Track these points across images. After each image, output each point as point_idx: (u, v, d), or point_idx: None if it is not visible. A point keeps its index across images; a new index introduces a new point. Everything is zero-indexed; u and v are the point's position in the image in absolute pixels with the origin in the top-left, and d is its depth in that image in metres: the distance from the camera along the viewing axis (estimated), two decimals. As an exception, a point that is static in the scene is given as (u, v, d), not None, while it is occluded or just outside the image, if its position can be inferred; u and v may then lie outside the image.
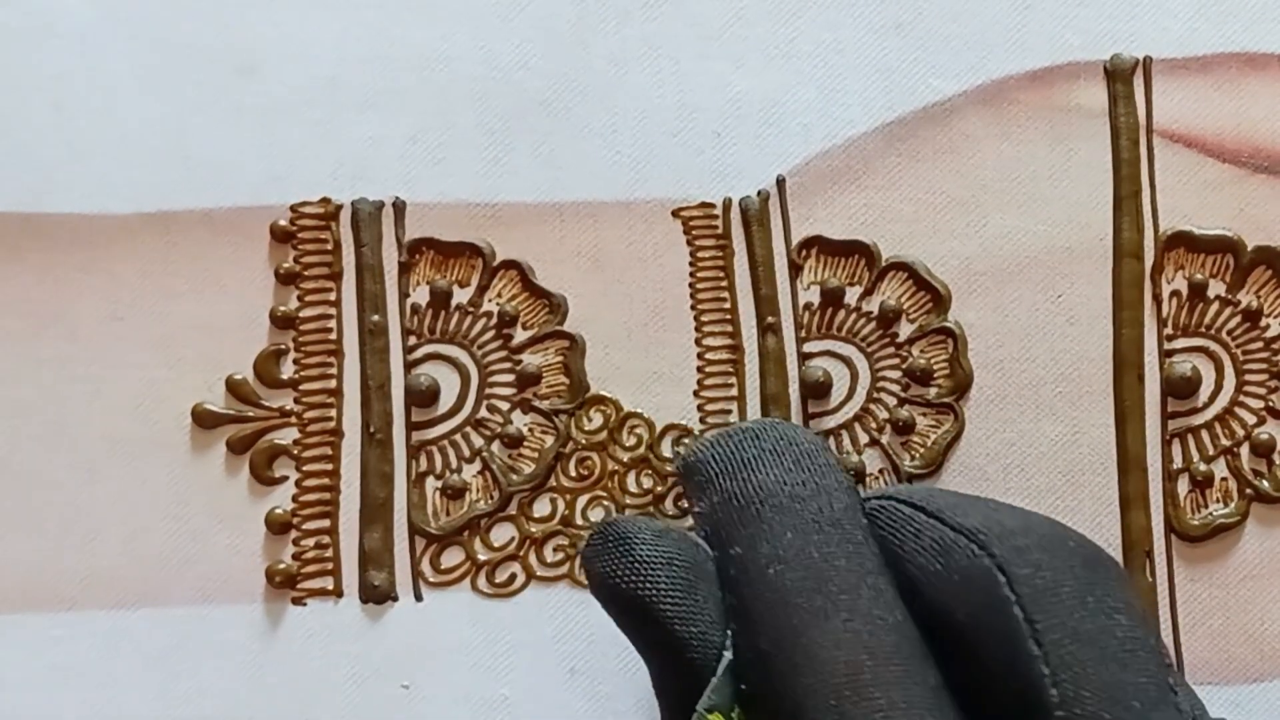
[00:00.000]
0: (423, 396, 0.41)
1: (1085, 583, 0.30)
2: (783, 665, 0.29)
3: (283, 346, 0.42)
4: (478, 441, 0.41)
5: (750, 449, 0.32)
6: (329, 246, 0.42)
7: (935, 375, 0.41)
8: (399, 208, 0.42)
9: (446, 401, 0.41)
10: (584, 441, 0.41)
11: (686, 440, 0.37)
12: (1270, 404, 0.40)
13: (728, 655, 0.31)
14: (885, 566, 0.31)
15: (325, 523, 0.41)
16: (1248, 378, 0.41)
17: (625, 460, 0.41)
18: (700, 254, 0.41)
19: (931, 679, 0.29)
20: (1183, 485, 0.40)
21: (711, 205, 0.42)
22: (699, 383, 0.41)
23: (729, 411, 0.41)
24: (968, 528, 0.30)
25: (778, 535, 0.31)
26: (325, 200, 0.42)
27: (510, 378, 0.41)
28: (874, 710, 0.28)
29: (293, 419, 0.41)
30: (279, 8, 0.42)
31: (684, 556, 0.32)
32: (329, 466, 0.41)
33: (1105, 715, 0.29)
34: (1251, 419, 0.40)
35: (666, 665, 0.32)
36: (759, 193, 0.41)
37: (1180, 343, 0.41)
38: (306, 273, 0.42)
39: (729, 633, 0.31)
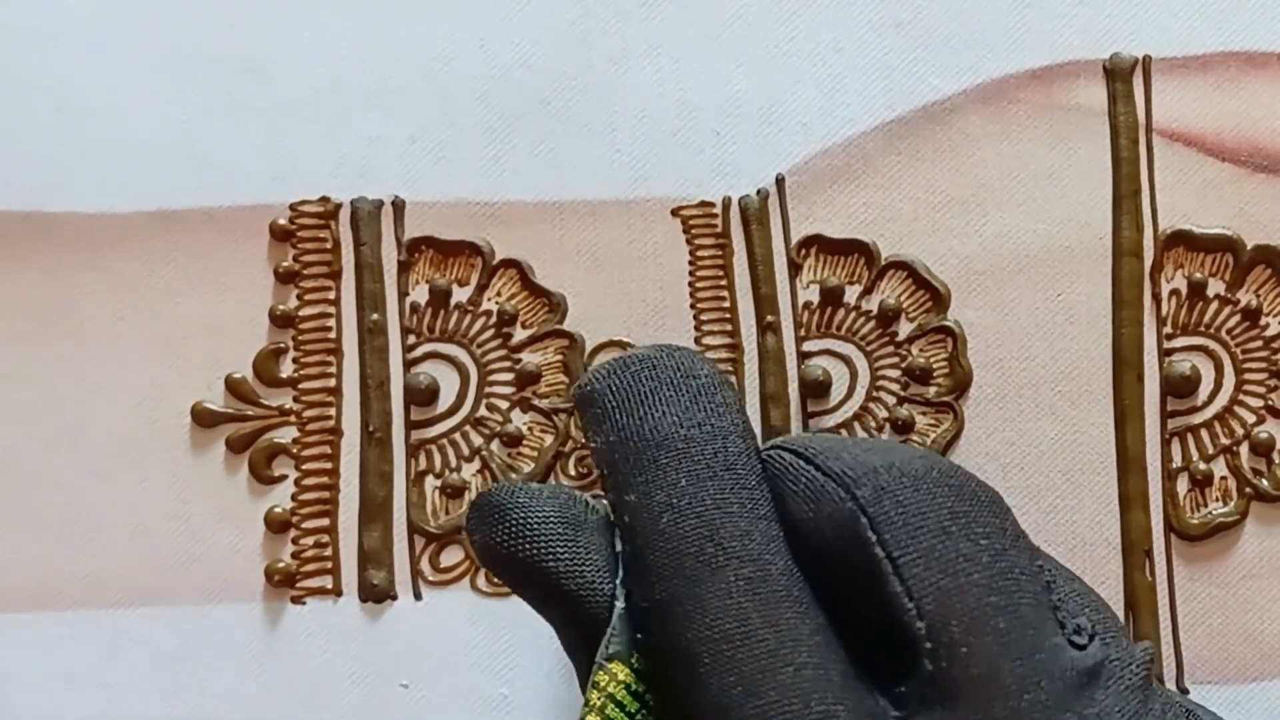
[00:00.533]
0: (422, 395, 0.41)
1: (949, 512, 0.30)
2: (677, 614, 0.30)
3: (282, 345, 0.42)
4: (477, 440, 0.41)
5: (646, 381, 0.32)
6: (328, 245, 0.42)
7: (935, 374, 0.41)
8: (398, 206, 0.42)
9: (446, 400, 0.41)
10: (583, 440, 0.41)
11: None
12: (1270, 403, 0.40)
13: (619, 604, 0.31)
14: (775, 512, 0.31)
15: (324, 521, 0.41)
16: (1247, 377, 0.40)
17: (625, 459, 0.41)
18: (700, 253, 0.41)
19: (817, 621, 0.30)
20: (1182, 484, 0.40)
21: (711, 204, 0.42)
22: (698, 382, 0.41)
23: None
24: (835, 471, 0.31)
25: (672, 482, 0.31)
26: (324, 199, 0.42)
27: (509, 376, 0.41)
28: (763, 653, 0.29)
29: (292, 418, 0.41)
30: (282, 8, 0.42)
31: (561, 512, 0.32)
32: (328, 465, 0.41)
33: (972, 640, 0.29)
34: (1251, 418, 0.40)
35: (565, 622, 0.32)
36: (759, 191, 0.41)
37: (1180, 341, 0.41)
38: (306, 271, 0.42)
39: (618, 581, 0.31)
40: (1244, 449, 0.40)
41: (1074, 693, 0.30)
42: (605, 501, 0.33)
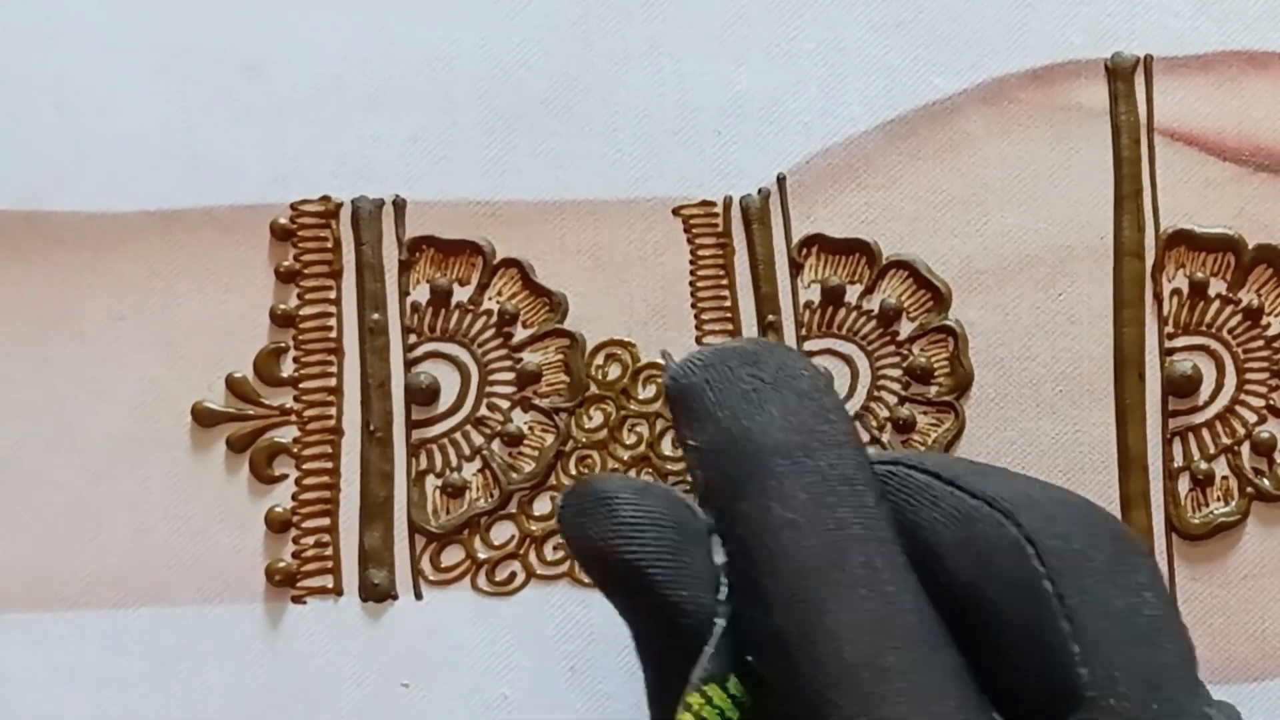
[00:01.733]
0: (423, 394, 0.41)
1: (1113, 558, 0.29)
2: (800, 644, 0.28)
3: (283, 345, 0.42)
4: (478, 440, 0.41)
5: (749, 379, 0.30)
6: (329, 244, 0.42)
7: (936, 374, 0.41)
8: (399, 206, 0.42)
9: (446, 400, 0.41)
10: (584, 440, 0.41)
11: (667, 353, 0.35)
12: (1271, 402, 0.40)
13: (720, 623, 0.29)
14: (897, 534, 0.29)
15: (325, 521, 0.41)
16: (1248, 376, 0.40)
17: (625, 459, 0.41)
18: (701, 252, 0.41)
19: (952, 660, 0.28)
20: (1183, 484, 0.40)
21: (712, 204, 0.42)
22: (699, 381, 0.41)
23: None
24: (989, 495, 0.29)
25: (790, 495, 0.29)
26: (325, 198, 0.42)
27: (510, 376, 0.41)
28: (897, 694, 0.27)
29: (293, 417, 0.41)
30: (283, 7, 0.42)
31: (670, 516, 0.30)
32: (329, 465, 0.41)
33: (1136, 696, 0.27)
34: (1252, 417, 0.40)
35: (654, 630, 0.30)
36: (760, 191, 0.41)
37: (1181, 341, 0.41)
38: (307, 271, 0.42)
39: (719, 600, 0.29)
40: (1245, 449, 0.40)
41: None
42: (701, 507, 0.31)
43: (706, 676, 0.29)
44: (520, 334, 0.42)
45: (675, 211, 0.41)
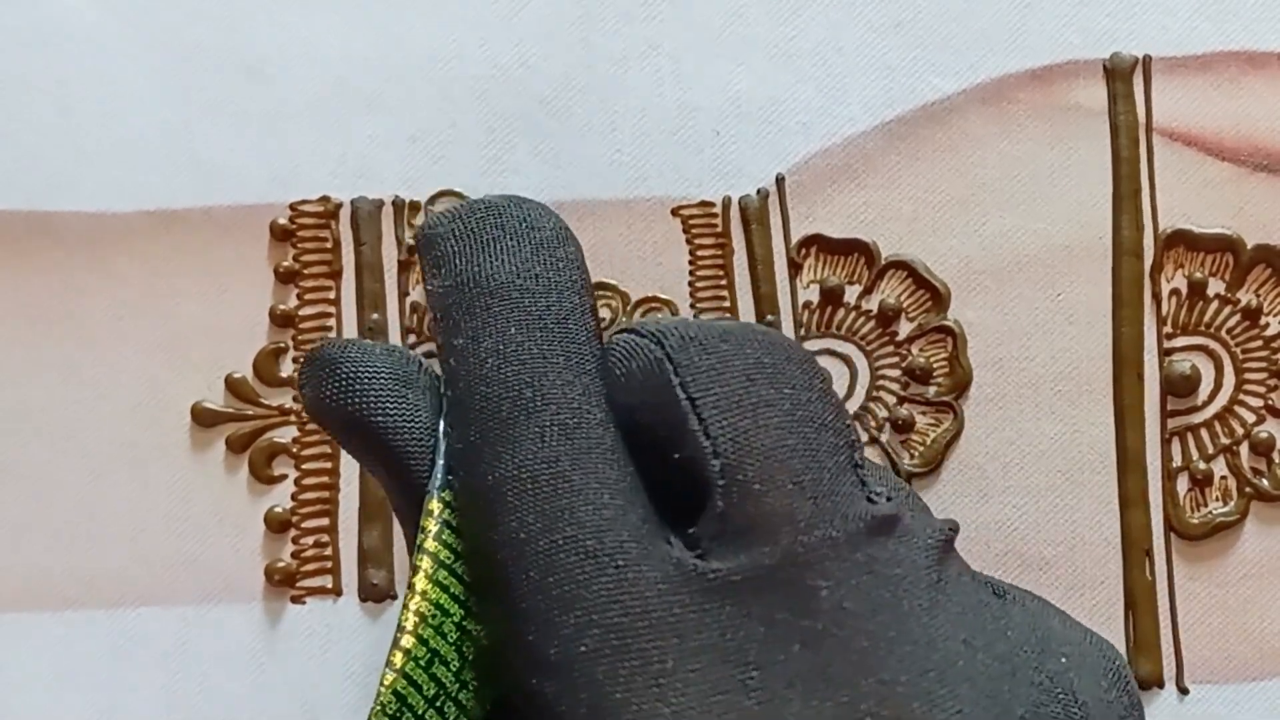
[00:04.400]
0: (422, 395, 0.41)
1: (755, 363, 0.31)
2: (487, 454, 0.30)
3: (282, 345, 0.42)
4: (477, 440, 0.41)
5: (490, 230, 0.32)
6: (329, 245, 0.42)
7: (935, 374, 0.41)
8: (399, 206, 0.42)
9: (446, 400, 0.41)
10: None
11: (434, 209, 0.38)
12: (1270, 402, 0.40)
13: (443, 443, 0.31)
14: (598, 370, 0.31)
15: (324, 521, 0.41)
16: (1247, 376, 0.40)
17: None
18: (700, 252, 0.41)
19: (629, 469, 0.30)
20: (1182, 484, 0.40)
21: (711, 204, 0.42)
22: (698, 381, 0.41)
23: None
24: (649, 330, 0.31)
25: (501, 330, 0.31)
26: (325, 198, 0.42)
27: (509, 376, 0.41)
28: (566, 491, 0.29)
29: (292, 417, 0.41)
30: (284, 9, 0.42)
31: (392, 369, 0.32)
32: (328, 465, 0.41)
33: (766, 477, 0.29)
34: (1251, 417, 0.40)
35: (391, 475, 0.32)
36: (759, 191, 0.41)
37: (1180, 341, 0.41)
38: (306, 271, 0.42)
39: (443, 420, 0.31)
40: (1244, 448, 0.40)
41: (867, 537, 0.30)
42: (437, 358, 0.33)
43: (442, 485, 0.31)
44: (519, 334, 0.42)
45: (674, 212, 0.42)
